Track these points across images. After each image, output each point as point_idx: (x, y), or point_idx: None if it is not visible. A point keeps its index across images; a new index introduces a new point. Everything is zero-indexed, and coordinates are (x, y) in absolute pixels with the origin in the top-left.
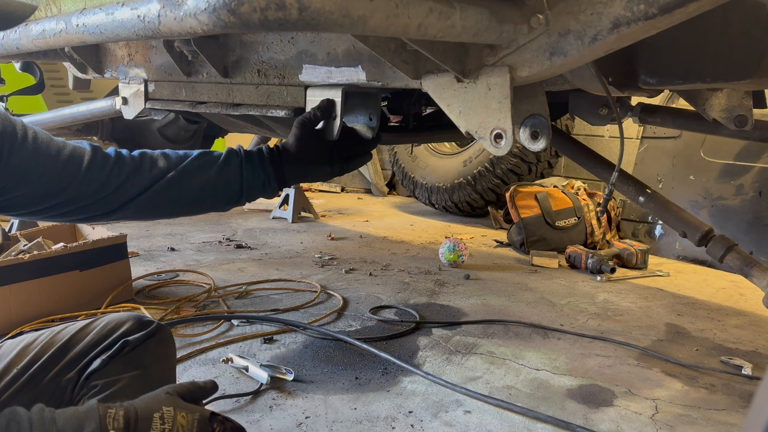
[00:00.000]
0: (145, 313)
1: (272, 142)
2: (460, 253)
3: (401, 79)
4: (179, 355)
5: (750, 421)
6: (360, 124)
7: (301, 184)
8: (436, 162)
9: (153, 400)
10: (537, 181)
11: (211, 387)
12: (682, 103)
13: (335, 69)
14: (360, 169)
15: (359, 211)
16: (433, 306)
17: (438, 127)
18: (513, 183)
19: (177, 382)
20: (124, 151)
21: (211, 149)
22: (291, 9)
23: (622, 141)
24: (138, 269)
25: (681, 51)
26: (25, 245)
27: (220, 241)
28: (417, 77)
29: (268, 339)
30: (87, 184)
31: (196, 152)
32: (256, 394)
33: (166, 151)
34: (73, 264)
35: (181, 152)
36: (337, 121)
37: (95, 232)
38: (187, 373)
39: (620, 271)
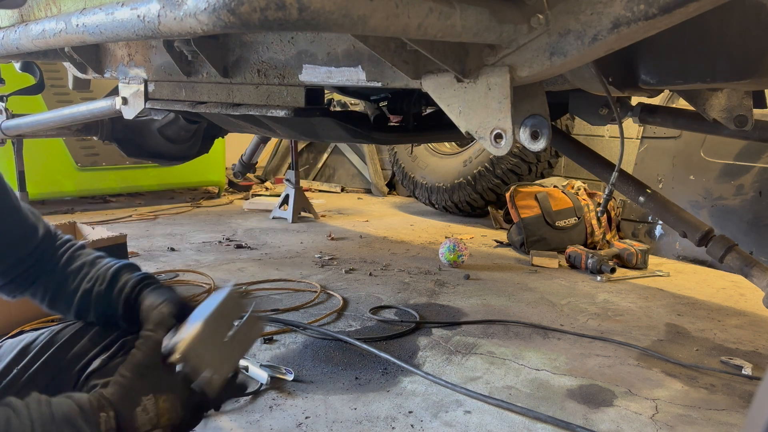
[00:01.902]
0: None
1: (268, 147)
2: (460, 253)
3: (401, 79)
4: None
5: (750, 421)
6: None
7: (302, 184)
8: (436, 162)
9: (131, 392)
10: (537, 181)
11: (169, 317)
12: (682, 103)
13: (335, 69)
14: (360, 169)
15: (359, 211)
16: (433, 306)
17: (438, 127)
18: (513, 183)
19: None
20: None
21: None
22: (291, 9)
23: (622, 141)
24: None
25: (681, 51)
26: None
27: (220, 241)
28: (417, 77)
29: (268, 339)
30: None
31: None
32: (256, 394)
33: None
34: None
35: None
36: None
37: (95, 232)
38: None
39: (620, 271)
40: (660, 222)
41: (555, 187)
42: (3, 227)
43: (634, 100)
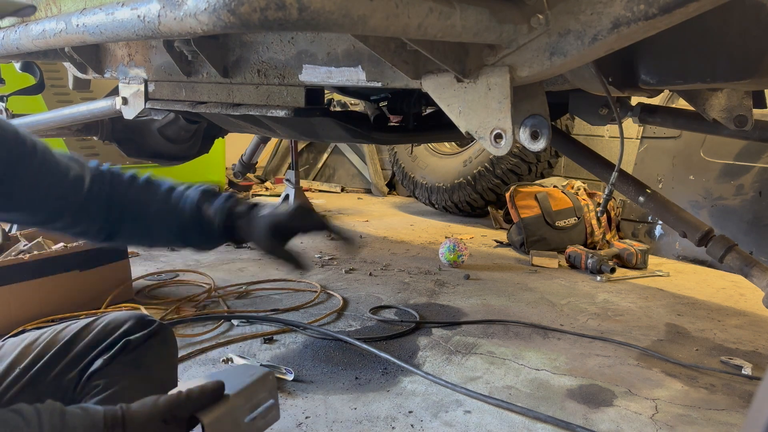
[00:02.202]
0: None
1: (268, 147)
2: (460, 253)
3: (401, 79)
4: (179, 355)
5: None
6: None
7: (302, 184)
8: (436, 162)
9: (147, 428)
10: (537, 181)
11: (214, 390)
12: (682, 103)
13: (335, 69)
14: (360, 169)
15: (359, 211)
16: (433, 306)
17: (438, 127)
18: (513, 183)
19: (178, 385)
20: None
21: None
22: (291, 9)
23: (622, 141)
24: (138, 269)
25: (681, 51)
26: (25, 245)
27: None
28: (417, 77)
29: (268, 339)
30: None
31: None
32: None
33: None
34: (73, 264)
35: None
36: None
37: None
38: (187, 373)
39: (620, 271)
40: (660, 222)
41: (555, 187)
42: (46, 189)
43: (634, 100)
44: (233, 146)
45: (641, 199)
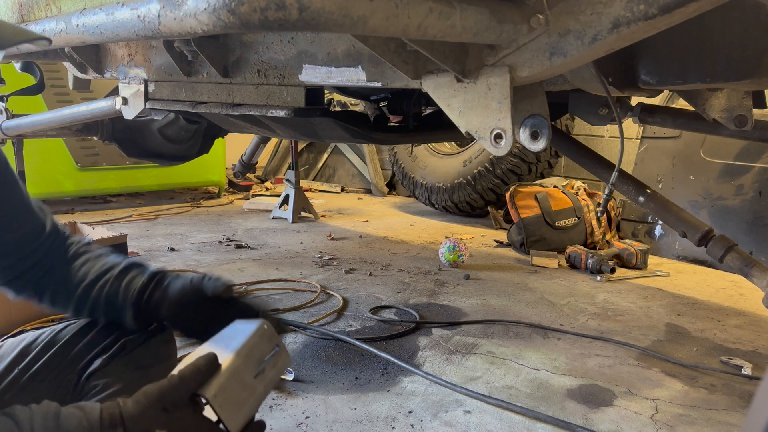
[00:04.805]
0: None
1: (268, 147)
2: (460, 253)
3: (401, 79)
4: (179, 355)
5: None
6: None
7: (302, 184)
8: (436, 162)
9: (148, 419)
10: (537, 181)
11: (207, 363)
12: (682, 103)
13: (335, 69)
14: (360, 169)
15: (359, 211)
16: (433, 306)
17: (438, 127)
18: (513, 183)
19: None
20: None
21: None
22: (291, 9)
23: (622, 141)
24: None
25: (681, 51)
26: None
27: (220, 241)
28: (417, 77)
29: None
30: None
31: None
32: None
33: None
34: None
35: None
36: None
37: (95, 232)
38: None
39: (620, 271)
40: (660, 222)
41: (555, 187)
42: (11, 221)
43: (634, 100)
44: (233, 146)
45: (641, 199)
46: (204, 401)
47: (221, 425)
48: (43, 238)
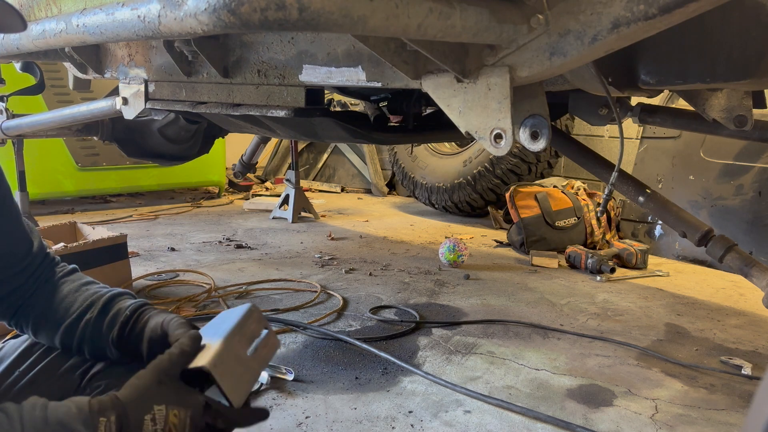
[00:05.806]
0: None
1: (268, 147)
2: (460, 253)
3: (401, 79)
4: None
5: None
6: None
7: (302, 184)
8: (436, 162)
9: (144, 397)
10: (537, 181)
11: (191, 339)
12: (682, 103)
13: (335, 69)
14: (360, 169)
15: (359, 211)
16: (433, 306)
17: (438, 127)
18: (513, 183)
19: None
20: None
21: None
22: (291, 9)
23: (621, 141)
24: (138, 269)
25: (681, 51)
26: None
27: (220, 241)
28: (417, 77)
29: None
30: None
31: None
32: (256, 393)
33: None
34: (73, 264)
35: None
36: None
37: (95, 232)
38: None
39: (620, 271)
40: (660, 222)
41: (555, 187)
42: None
43: (634, 100)
44: (233, 146)
45: (641, 199)
46: (206, 371)
47: (222, 400)
48: (28, 261)
